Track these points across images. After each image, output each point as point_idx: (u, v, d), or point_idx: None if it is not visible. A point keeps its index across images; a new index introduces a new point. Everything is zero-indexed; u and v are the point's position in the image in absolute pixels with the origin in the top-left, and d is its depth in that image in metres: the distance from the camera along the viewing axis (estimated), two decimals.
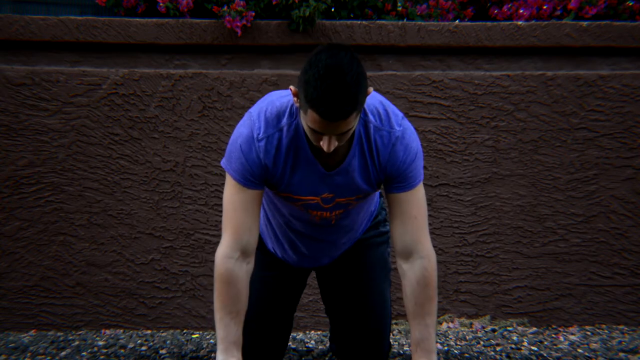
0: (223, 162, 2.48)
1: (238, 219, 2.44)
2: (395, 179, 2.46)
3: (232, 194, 2.45)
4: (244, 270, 2.44)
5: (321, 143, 2.29)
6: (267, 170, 2.43)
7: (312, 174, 2.45)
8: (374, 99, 2.44)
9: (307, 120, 2.26)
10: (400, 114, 2.46)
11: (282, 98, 2.44)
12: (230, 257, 2.43)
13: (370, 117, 2.42)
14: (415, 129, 2.44)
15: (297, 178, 2.45)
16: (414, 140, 2.45)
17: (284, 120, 2.40)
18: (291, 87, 2.32)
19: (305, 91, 2.21)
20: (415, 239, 2.46)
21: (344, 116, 2.21)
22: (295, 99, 2.31)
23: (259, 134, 2.40)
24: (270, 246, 2.77)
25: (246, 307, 2.46)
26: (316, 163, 2.43)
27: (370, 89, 2.29)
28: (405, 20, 4.10)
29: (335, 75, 2.17)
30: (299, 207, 2.56)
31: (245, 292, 2.44)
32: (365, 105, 2.41)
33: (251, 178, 2.43)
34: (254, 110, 2.45)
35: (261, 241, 2.73)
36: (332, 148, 2.28)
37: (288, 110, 2.41)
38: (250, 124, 2.43)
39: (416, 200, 2.47)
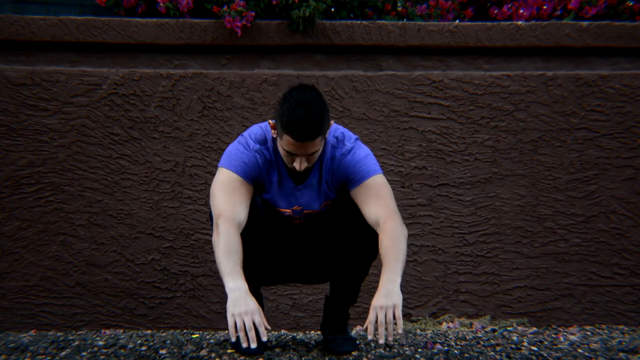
0: (220, 164, 2.96)
1: (235, 201, 2.89)
2: (349, 177, 2.96)
3: (230, 181, 2.91)
4: (239, 231, 2.88)
5: (294, 164, 2.85)
6: (261, 174, 2.96)
7: (287, 188, 2.99)
8: (335, 127, 3.02)
9: (282, 144, 2.84)
10: (354, 137, 3.02)
11: (263, 127, 3.02)
12: (231, 222, 2.85)
13: (329, 138, 2.99)
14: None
15: (275, 188, 2.99)
16: (362, 149, 2.99)
17: (269, 143, 2.97)
18: (269, 121, 2.93)
19: (281, 120, 2.80)
20: (381, 210, 2.90)
21: (311, 138, 2.78)
22: (273, 131, 2.90)
23: (254, 147, 2.96)
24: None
25: (242, 257, 2.83)
26: (289, 179, 2.98)
27: (332, 121, 2.93)
28: (405, 20, 4.10)
29: (304, 107, 2.77)
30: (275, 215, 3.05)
31: (241, 243, 2.84)
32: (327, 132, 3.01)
33: (250, 174, 2.94)
34: (244, 133, 3.03)
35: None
36: (303, 167, 2.85)
37: (270, 135, 2.99)
38: (244, 140, 2.99)
39: (375, 185, 2.95)
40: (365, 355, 3.07)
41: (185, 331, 3.86)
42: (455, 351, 3.23)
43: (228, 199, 2.89)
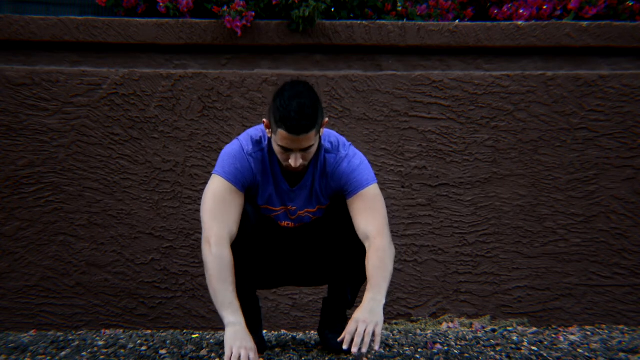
0: (215, 171, 2.96)
1: (227, 213, 2.91)
2: (344, 186, 2.97)
3: (222, 192, 2.93)
4: (230, 251, 2.89)
5: (290, 161, 2.83)
6: (255, 179, 2.96)
7: (282, 190, 3.00)
8: (328, 133, 3.03)
9: (277, 140, 2.82)
10: (348, 143, 3.03)
11: (259, 129, 3.02)
12: (222, 240, 2.87)
13: (324, 143, 2.99)
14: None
15: (270, 191, 3.00)
16: (356, 157, 2.99)
17: (264, 143, 2.98)
18: (264, 119, 2.91)
19: (275, 115, 2.79)
20: (372, 226, 2.90)
21: (306, 130, 2.76)
22: (268, 130, 2.89)
23: (248, 150, 2.96)
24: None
25: (235, 280, 2.87)
26: (284, 180, 2.99)
27: (326, 119, 2.90)
28: (405, 20, 4.10)
29: (296, 99, 2.77)
30: (272, 219, 3.06)
31: (232, 264, 2.87)
32: (321, 137, 2.99)
33: (243, 181, 2.94)
34: (241, 135, 3.02)
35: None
36: (298, 164, 2.83)
37: (266, 137, 3.00)
38: (239, 143, 2.98)
39: (370, 196, 2.95)
40: (365, 355, 3.07)
41: (185, 331, 3.86)
42: (455, 351, 3.23)
43: (219, 212, 2.90)
